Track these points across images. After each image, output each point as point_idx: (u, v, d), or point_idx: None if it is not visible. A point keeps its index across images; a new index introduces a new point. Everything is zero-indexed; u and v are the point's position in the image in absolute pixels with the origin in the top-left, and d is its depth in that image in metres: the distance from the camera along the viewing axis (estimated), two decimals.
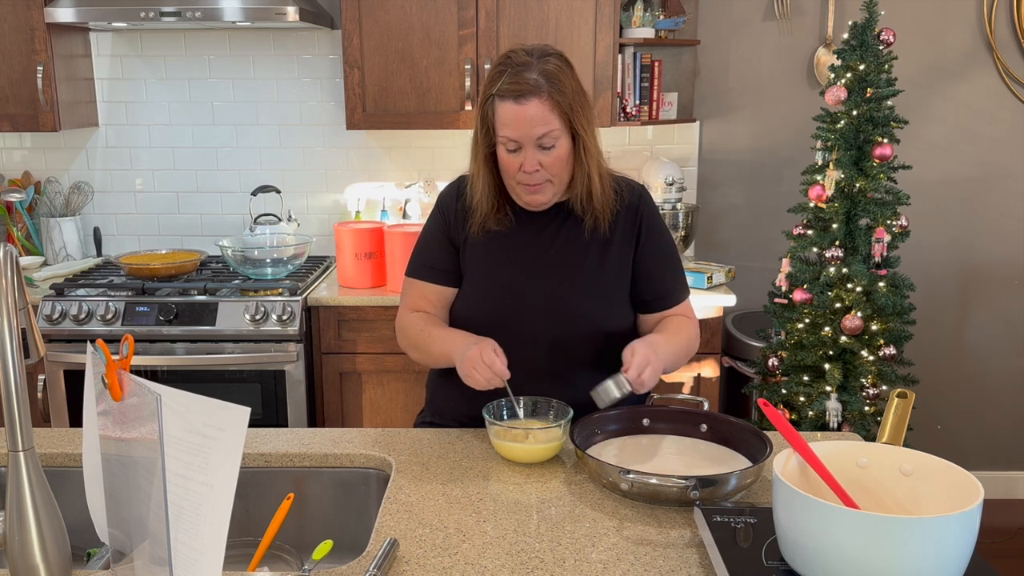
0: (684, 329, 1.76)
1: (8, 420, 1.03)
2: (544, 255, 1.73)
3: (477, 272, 1.77)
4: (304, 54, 3.30)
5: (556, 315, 1.71)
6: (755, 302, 3.09)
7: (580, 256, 1.73)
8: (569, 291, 1.72)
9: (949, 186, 3.34)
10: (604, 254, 1.73)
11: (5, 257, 1.04)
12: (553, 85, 1.59)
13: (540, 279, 1.73)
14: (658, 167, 3.13)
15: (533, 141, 1.61)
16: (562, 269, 1.72)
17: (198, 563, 0.99)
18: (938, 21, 3.23)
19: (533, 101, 1.59)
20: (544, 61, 1.61)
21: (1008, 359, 3.45)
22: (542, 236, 1.74)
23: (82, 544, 1.43)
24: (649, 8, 3.10)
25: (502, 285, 1.74)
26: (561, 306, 1.71)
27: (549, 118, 1.60)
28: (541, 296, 1.72)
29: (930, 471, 1.15)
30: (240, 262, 2.96)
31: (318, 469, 1.58)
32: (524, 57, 1.61)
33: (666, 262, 1.79)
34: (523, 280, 1.73)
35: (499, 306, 1.73)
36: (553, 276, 1.72)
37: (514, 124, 1.60)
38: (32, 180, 3.36)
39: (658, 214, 1.80)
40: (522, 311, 1.71)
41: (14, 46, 2.98)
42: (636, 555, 1.24)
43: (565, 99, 1.60)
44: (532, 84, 1.58)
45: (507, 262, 1.75)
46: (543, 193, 1.68)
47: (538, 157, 1.62)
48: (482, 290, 1.76)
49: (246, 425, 0.99)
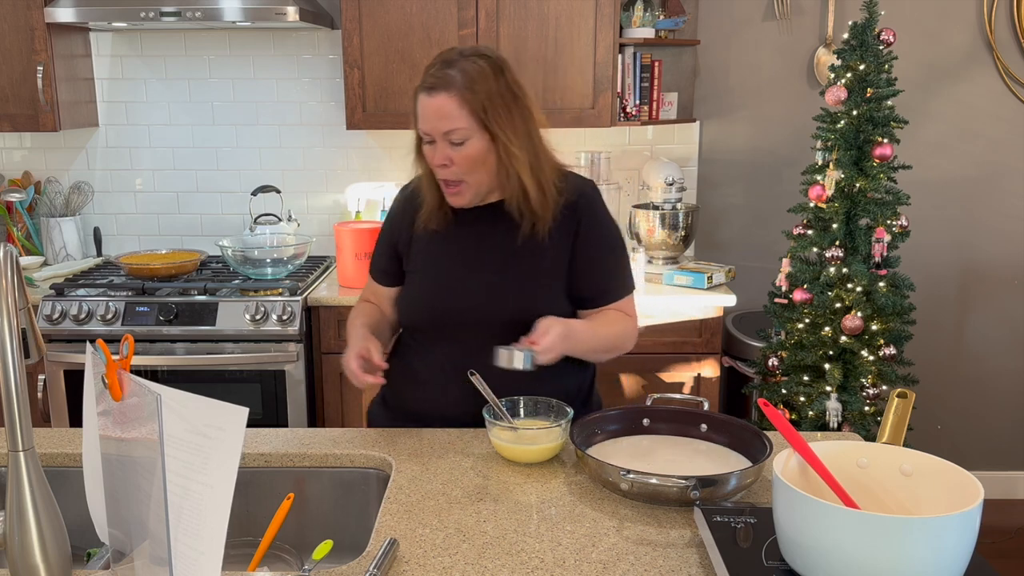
0: (615, 324, 1.76)
1: (8, 420, 1.03)
2: (480, 251, 1.75)
3: (417, 269, 1.81)
4: (304, 54, 3.30)
5: (490, 312, 1.72)
6: (755, 302, 3.09)
7: (516, 252, 1.73)
8: (504, 287, 1.73)
9: (949, 186, 3.34)
10: (540, 250, 1.72)
11: (5, 257, 1.04)
12: (467, 83, 1.61)
13: (475, 275, 1.75)
14: (658, 167, 3.13)
15: (441, 135, 1.63)
16: (498, 265, 1.74)
17: (198, 563, 0.99)
18: (938, 21, 3.23)
19: (441, 96, 1.61)
20: (470, 60, 1.63)
21: (1008, 359, 3.45)
22: (480, 233, 1.76)
23: (82, 544, 1.43)
24: (649, 8, 3.10)
25: (438, 281, 1.78)
26: (495, 302, 1.72)
27: (456, 115, 1.61)
28: (476, 292, 1.73)
29: (930, 471, 1.15)
30: (240, 262, 2.96)
31: (318, 469, 1.58)
32: (454, 55, 1.65)
33: (604, 259, 1.77)
34: (459, 276, 1.76)
35: (435, 302, 1.77)
36: (488, 272, 1.74)
37: (423, 116, 1.65)
38: (32, 180, 3.36)
39: (602, 211, 1.78)
40: (457, 307, 1.74)
41: (14, 46, 2.98)
42: (636, 555, 1.24)
43: (477, 98, 1.61)
44: (445, 79, 1.61)
45: (444, 258, 1.78)
46: (461, 195, 1.70)
47: (448, 152, 1.64)
48: (420, 286, 1.81)
49: (245, 425, 0.99)
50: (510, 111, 1.65)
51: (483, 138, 1.64)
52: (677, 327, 2.85)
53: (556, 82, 2.97)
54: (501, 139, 1.64)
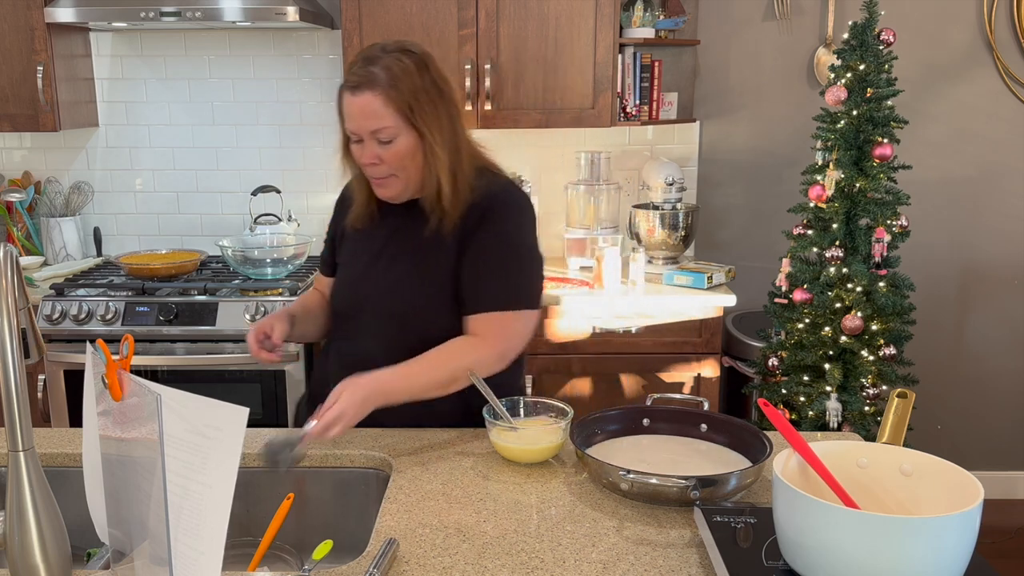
0: (451, 359, 1.63)
1: (8, 420, 1.03)
2: (389, 247, 1.76)
3: (341, 262, 1.86)
4: (304, 54, 3.30)
5: (390, 308, 1.73)
6: (755, 302, 3.09)
7: (417, 249, 1.72)
8: (397, 283, 1.73)
9: (949, 186, 3.34)
10: (439, 251, 1.70)
11: (5, 257, 1.04)
12: (392, 81, 1.59)
13: (375, 270, 1.76)
14: (658, 167, 3.13)
15: (368, 134, 1.62)
16: (398, 261, 1.74)
17: (198, 563, 0.99)
18: (938, 21, 3.23)
19: (366, 95, 1.59)
20: (393, 56, 1.61)
21: (1008, 359, 3.45)
22: (395, 228, 1.76)
23: (82, 544, 1.43)
24: (649, 8, 3.10)
25: (348, 274, 1.82)
26: (386, 298, 1.73)
27: (382, 113, 1.59)
28: (373, 287, 1.75)
29: (930, 471, 1.15)
30: (240, 262, 2.96)
31: (318, 469, 1.58)
32: (377, 51, 1.62)
33: (483, 266, 1.68)
34: (363, 270, 1.78)
35: (343, 295, 1.82)
36: (388, 268, 1.74)
37: (348, 116, 1.63)
38: (32, 180, 3.36)
39: (504, 217, 1.70)
40: (362, 302, 1.77)
41: (14, 46, 2.98)
42: (636, 555, 1.24)
43: (403, 97, 1.59)
44: (368, 77, 1.59)
45: (361, 252, 1.80)
46: (389, 187, 1.69)
47: (376, 151, 1.63)
48: (338, 279, 1.86)
49: (245, 425, 0.99)
50: (436, 107, 1.63)
51: (411, 135, 1.62)
52: (677, 327, 2.85)
53: (556, 82, 2.97)
54: (427, 137, 1.63)
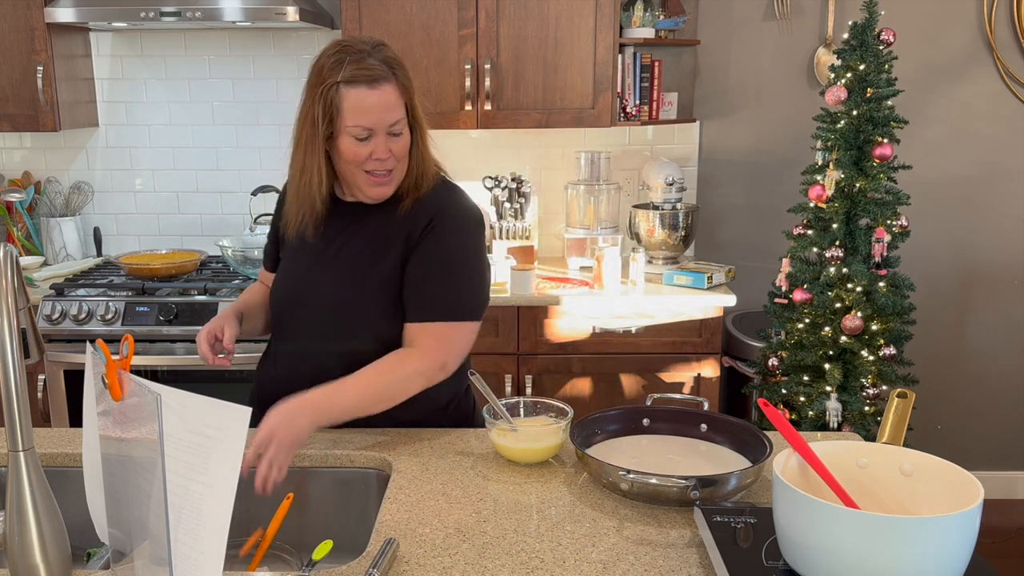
0: (389, 373, 1.59)
1: (8, 420, 1.03)
2: (329, 248, 1.70)
3: (283, 257, 1.80)
4: (304, 54, 3.30)
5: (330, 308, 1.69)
6: (755, 302, 3.09)
7: (361, 253, 1.68)
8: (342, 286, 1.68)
9: (949, 186, 3.34)
10: (385, 253, 1.66)
11: (5, 257, 1.04)
12: (398, 73, 1.59)
13: (320, 272, 1.70)
14: (658, 167, 3.13)
15: (386, 128, 1.58)
16: (341, 263, 1.69)
17: (198, 563, 0.99)
18: (938, 21, 3.23)
19: (385, 87, 1.57)
20: (380, 50, 1.60)
21: (1008, 359, 3.45)
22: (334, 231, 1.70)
23: (82, 544, 1.43)
24: (649, 8, 3.10)
25: (291, 274, 1.76)
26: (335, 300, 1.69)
27: (398, 105, 1.59)
28: (318, 288, 1.70)
29: (930, 471, 1.15)
30: (240, 262, 2.96)
31: (318, 469, 1.58)
32: (364, 46, 1.59)
33: (428, 274, 1.64)
34: (307, 271, 1.72)
35: (286, 294, 1.75)
36: (333, 269, 1.70)
37: (364, 110, 1.55)
38: (32, 180, 3.36)
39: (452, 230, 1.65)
40: (303, 301, 1.71)
41: (14, 46, 2.98)
42: (636, 555, 1.24)
43: (407, 90, 1.60)
44: (382, 71, 1.56)
45: (302, 251, 1.73)
46: (389, 185, 1.65)
47: (388, 144, 1.59)
48: (278, 277, 1.79)
49: (247, 425, 0.99)
50: (419, 100, 1.65)
51: (407, 129, 1.62)
52: (677, 327, 2.85)
53: (556, 82, 2.97)
54: (417, 130, 1.63)
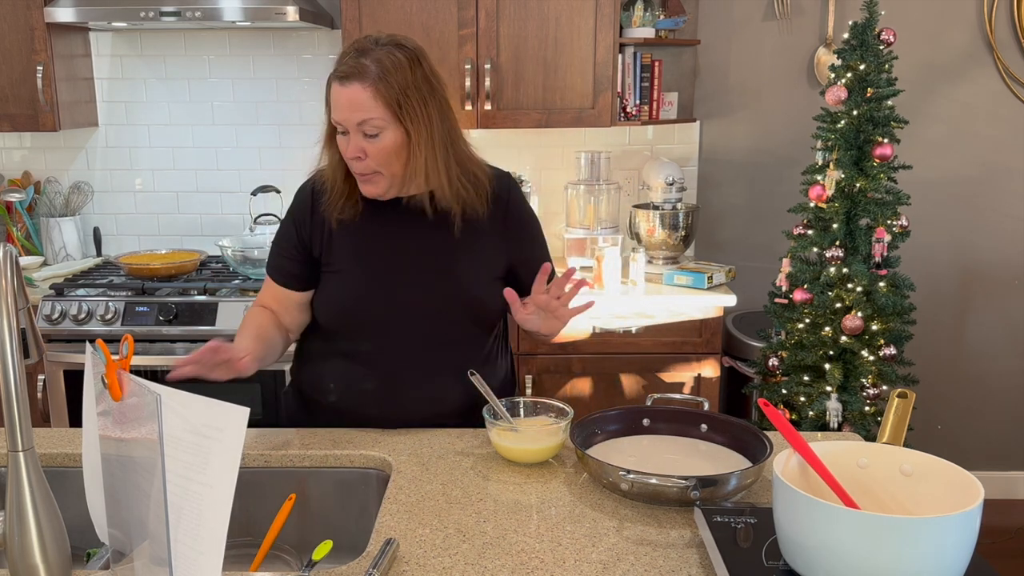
0: None
1: (8, 420, 1.03)
2: (413, 246, 1.71)
3: (341, 268, 1.73)
4: (304, 54, 3.30)
5: (424, 308, 1.70)
6: (755, 302, 3.09)
7: (455, 247, 1.70)
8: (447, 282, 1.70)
9: (949, 186, 3.34)
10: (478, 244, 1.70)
11: (5, 257, 1.04)
12: (382, 75, 1.56)
13: (409, 272, 1.70)
14: (658, 167, 3.13)
15: (354, 126, 1.59)
16: (436, 260, 1.70)
17: (198, 563, 0.99)
18: (938, 21, 3.23)
19: (355, 86, 1.56)
20: (385, 50, 1.58)
21: (1008, 359, 3.45)
22: (405, 226, 1.71)
23: (82, 544, 1.43)
24: (649, 8, 3.10)
25: (373, 276, 1.71)
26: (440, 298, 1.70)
27: (370, 106, 1.56)
28: (409, 289, 1.70)
29: (930, 471, 1.15)
30: (240, 262, 2.96)
31: (318, 469, 1.58)
32: (369, 43, 1.60)
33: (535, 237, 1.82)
34: (395, 273, 1.71)
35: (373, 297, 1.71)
36: (434, 265, 1.70)
37: (336, 106, 1.60)
38: (32, 180, 3.36)
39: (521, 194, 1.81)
40: (392, 304, 1.70)
41: (14, 46, 2.98)
42: (636, 555, 1.24)
43: (392, 91, 1.57)
44: (359, 69, 1.56)
45: (373, 255, 1.72)
46: (375, 184, 1.65)
47: (361, 144, 1.59)
48: (350, 283, 1.72)
49: (246, 425, 0.99)
50: (426, 104, 1.60)
51: (398, 131, 1.59)
52: (677, 327, 2.85)
53: (556, 82, 2.97)
54: (413, 134, 1.60)
